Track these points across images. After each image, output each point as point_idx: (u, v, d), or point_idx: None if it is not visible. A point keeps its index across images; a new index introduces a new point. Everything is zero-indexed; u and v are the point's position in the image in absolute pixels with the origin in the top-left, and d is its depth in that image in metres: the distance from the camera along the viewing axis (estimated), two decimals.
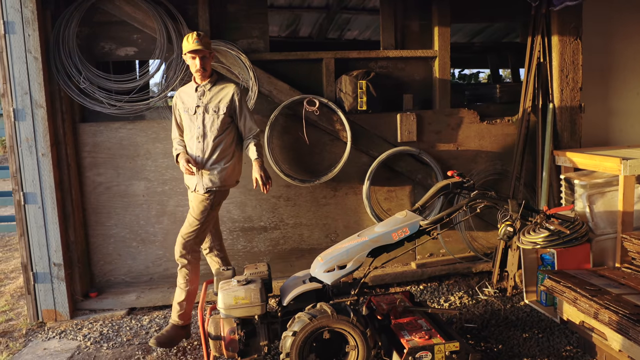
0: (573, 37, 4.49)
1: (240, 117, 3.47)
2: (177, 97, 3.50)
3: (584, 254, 3.87)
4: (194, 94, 3.42)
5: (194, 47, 3.27)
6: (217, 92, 3.42)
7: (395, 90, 4.51)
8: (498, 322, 3.73)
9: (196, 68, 3.33)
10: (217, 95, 3.41)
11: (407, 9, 4.55)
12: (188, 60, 3.37)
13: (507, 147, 4.66)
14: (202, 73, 3.36)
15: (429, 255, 4.64)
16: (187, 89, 3.48)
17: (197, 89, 3.42)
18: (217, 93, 3.42)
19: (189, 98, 3.43)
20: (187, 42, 3.31)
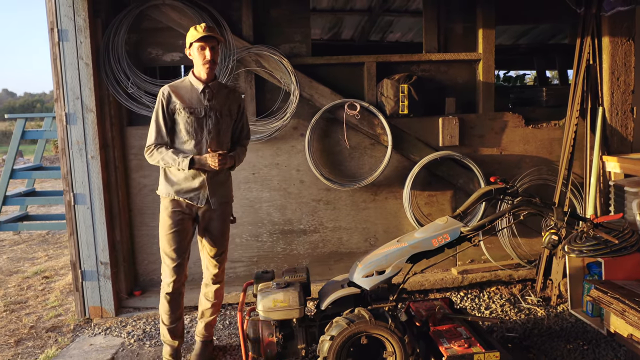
0: (625, 38, 4.32)
1: (239, 121, 3.26)
2: (168, 93, 3.02)
3: (634, 264, 3.72)
4: (197, 93, 3.05)
5: (205, 33, 2.93)
6: (226, 94, 3.17)
7: (437, 93, 4.46)
8: (541, 331, 3.63)
9: (206, 59, 2.98)
10: (227, 98, 3.16)
11: (451, 12, 4.49)
12: (194, 52, 3.00)
13: (553, 152, 4.53)
14: (212, 67, 3.02)
15: (469, 261, 4.56)
16: (184, 85, 3.08)
17: (204, 88, 3.05)
18: (227, 95, 3.17)
19: (192, 97, 3.05)
20: (195, 31, 2.98)
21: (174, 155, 2.98)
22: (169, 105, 3.02)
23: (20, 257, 6.18)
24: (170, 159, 2.98)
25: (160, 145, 3.02)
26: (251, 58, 4.14)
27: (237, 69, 4.13)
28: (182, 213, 3.09)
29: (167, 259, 3.09)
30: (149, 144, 3.05)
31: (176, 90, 3.06)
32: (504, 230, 4.43)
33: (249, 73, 4.20)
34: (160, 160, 3.01)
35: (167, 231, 3.07)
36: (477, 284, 4.41)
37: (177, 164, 2.96)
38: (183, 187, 3.06)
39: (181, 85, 3.09)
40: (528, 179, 4.47)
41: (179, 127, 3.04)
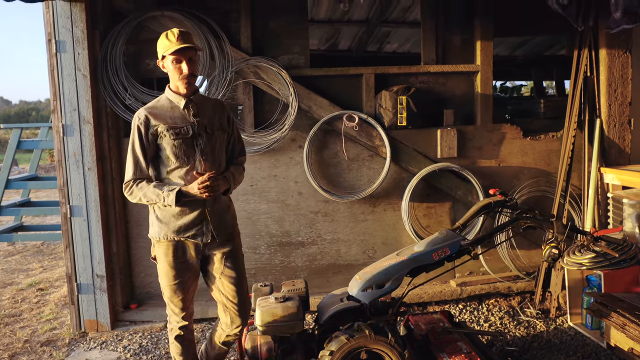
0: (622, 50, 4.34)
1: (231, 135, 2.87)
2: (145, 116, 2.59)
3: (633, 276, 3.71)
4: (179, 111, 2.65)
5: (179, 44, 2.51)
6: (212, 106, 2.79)
7: (435, 105, 4.46)
8: (540, 344, 3.61)
9: (183, 74, 2.57)
10: (214, 110, 2.78)
11: (449, 23, 4.50)
12: (168, 65, 2.59)
13: (552, 163, 4.53)
14: (191, 81, 2.62)
15: (468, 273, 4.54)
16: (161, 104, 2.67)
17: (186, 103, 2.65)
18: (213, 108, 2.79)
19: (174, 115, 2.64)
20: (167, 41, 2.55)
21: (156, 189, 2.54)
22: (149, 130, 2.59)
23: (15, 269, 6.12)
24: (154, 195, 2.54)
25: (140, 180, 2.60)
26: (249, 69, 4.14)
27: (235, 80, 4.12)
28: (185, 257, 2.70)
29: (174, 307, 2.75)
30: (127, 180, 2.62)
31: (154, 111, 2.63)
32: (503, 242, 4.41)
33: (247, 84, 4.19)
34: (142, 198, 2.57)
35: (171, 282, 2.69)
36: (476, 296, 4.38)
37: (162, 200, 2.53)
38: (181, 224, 2.64)
39: (158, 105, 2.67)
40: (526, 190, 4.47)
41: (165, 153, 2.62)
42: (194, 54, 2.61)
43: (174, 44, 2.52)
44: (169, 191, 2.53)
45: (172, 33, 2.56)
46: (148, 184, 2.58)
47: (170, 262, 2.67)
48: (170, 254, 2.67)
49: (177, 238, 2.65)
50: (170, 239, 2.65)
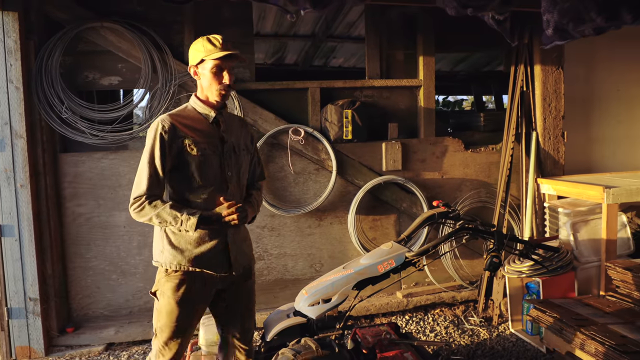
0: (555, 66, 4.56)
1: (254, 157, 2.63)
2: (171, 125, 2.26)
3: (569, 282, 3.87)
4: (207, 124, 2.36)
5: (225, 51, 2.25)
6: (238, 123, 2.55)
7: (380, 119, 4.53)
8: (484, 352, 3.69)
9: (222, 85, 2.30)
10: (241, 129, 2.53)
11: (392, 39, 4.60)
12: (205, 72, 2.30)
13: (492, 175, 4.68)
14: (228, 91, 2.34)
15: (414, 284, 4.60)
16: (187, 114, 2.36)
17: (216, 117, 2.37)
18: (240, 125, 2.55)
19: (203, 129, 2.34)
20: (209, 45, 2.27)
21: (173, 211, 2.19)
22: (174, 141, 2.24)
23: None
24: (169, 217, 2.19)
25: (154, 198, 2.23)
26: (193, 83, 4.07)
27: (179, 93, 4.04)
28: (198, 291, 2.34)
29: (167, 352, 2.37)
30: (137, 195, 2.22)
31: (181, 120, 2.30)
32: (447, 253, 4.50)
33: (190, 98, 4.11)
34: (154, 218, 2.20)
35: (173, 322, 2.31)
36: (422, 306, 4.44)
37: (180, 224, 2.18)
38: (199, 253, 2.31)
39: (185, 114, 2.34)
40: (468, 201, 4.59)
41: (189, 171, 2.28)
42: (234, 64, 2.36)
43: (218, 50, 2.26)
44: (189, 215, 2.18)
45: (214, 38, 2.30)
46: (163, 203, 2.22)
47: (178, 299, 2.29)
48: (182, 288, 2.29)
49: (193, 269, 2.29)
50: (185, 269, 2.28)
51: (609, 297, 3.56)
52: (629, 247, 4.06)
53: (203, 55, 2.26)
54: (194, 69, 2.34)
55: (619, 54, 5.16)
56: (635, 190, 3.81)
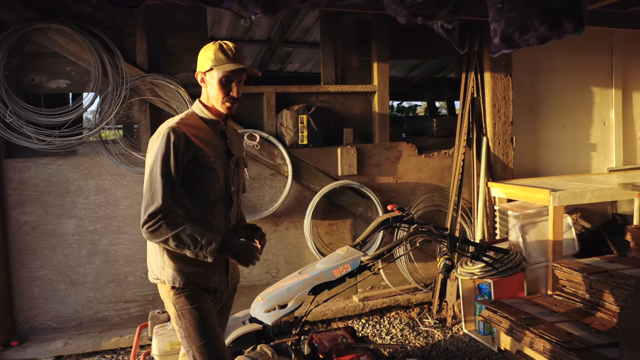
0: (504, 73, 4.71)
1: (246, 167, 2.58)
2: (184, 134, 2.09)
3: (519, 282, 3.99)
4: (213, 135, 2.24)
5: (238, 65, 2.15)
6: (235, 135, 2.45)
7: (336, 124, 4.56)
8: (439, 353, 3.76)
9: (229, 97, 2.19)
10: (238, 141, 2.47)
11: (347, 45, 4.64)
12: (213, 82, 2.17)
13: (444, 179, 4.79)
14: (235, 104, 2.24)
15: (370, 288, 4.64)
16: (195, 123, 2.21)
17: (221, 127, 2.28)
18: (237, 137, 2.47)
19: (211, 140, 2.21)
20: (220, 55, 2.15)
21: (194, 233, 2.00)
22: (186, 152, 2.07)
23: None
24: (189, 239, 1.99)
25: (171, 214, 2.03)
26: (146, 87, 3.99)
27: (130, 97, 3.95)
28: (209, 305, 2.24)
29: None
30: (153, 211, 2.00)
31: (192, 130, 2.14)
32: (402, 256, 4.57)
33: (143, 102, 4.03)
34: (172, 240, 1.99)
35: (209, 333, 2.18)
36: (378, 310, 4.49)
37: (199, 248, 2.00)
38: (204, 268, 2.17)
39: (192, 123, 2.18)
40: (422, 205, 4.67)
41: (196, 186, 2.13)
42: (244, 77, 2.24)
43: (230, 61, 2.14)
44: (210, 240, 2.00)
45: (227, 47, 2.17)
46: (182, 222, 2.02)
47: (200, 306, 2.15)
48: (198, 298, 2.16)
49: (206, 283, 2.20)
50: (193, 282, 2.16)
51: (556, 296, 3.69)
52: (574, 248, 4.23)
53: (213, 64, 2.14)
54: (202, 75, 2.21)
55: (561, 62, 5.38)
56: (579, 193, 3.97)
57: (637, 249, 3.73)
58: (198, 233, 2.01)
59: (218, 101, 2.19)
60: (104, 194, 3.97)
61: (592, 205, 5.05)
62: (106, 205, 3.99)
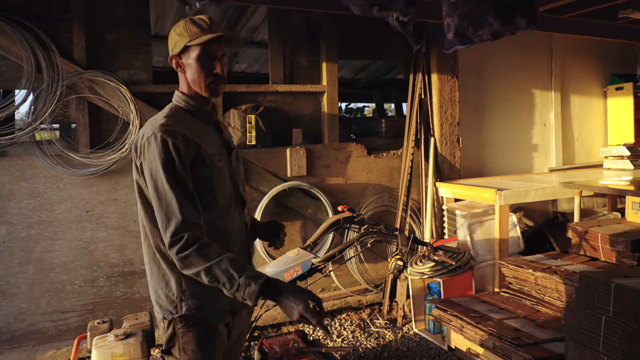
0: (450, 75, 4.78)
1: None
2: (183, 136, 1.75)
3: (467, 281, 4.05)
4: (209, 130, 1.92)
5: (218, 33, 1.80)
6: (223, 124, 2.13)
7: (284, 124, 4.48)
8: (390, 354, 3.75)
9: (215, 76, 1.84)
10: (226, 129, 2.13)
11: (296, 45, 4.58)
12: (190, 62, 1.83)
13: (394, 180, 4.80)
14: (222, 84, 1.88)
15: (320, 290, 4.59)
16: (184, 118, 1.85)
17: (215, 118, 1.98)
18: (224, 125, 2.14)
19: (208, 136, 1.88)
20: (193, 27, 1.80)
21: (231, 269, 1.62)
22: (189, 152, 1.75)
23: None
24: (224, 276, 1.62)
25: (198, 232, 1.68)
26: (84, 84, 3.78)
27: (67, 95, 3.73)
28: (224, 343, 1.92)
29: None
30: (174, 230, 1.66)
31: (185, 126, 1.80)
32: (353, 258, 4.55)
33: (81, 100, 3.82)
34: (204, 274, 1.63)
35: None
36: (329, 312, 4.44)
37: (235, 288, 1.61)
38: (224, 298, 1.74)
39: (182, 120, 1.84)
40: (372, 206, 4.67)
41: (207, 190, 1.80)
42: (227, 50, 1.89)
43: (206, 32, 1.79)
44: (250, 278, 1.61)
45: (200, 18, 1.83)
46: (216, 250, 1.65)
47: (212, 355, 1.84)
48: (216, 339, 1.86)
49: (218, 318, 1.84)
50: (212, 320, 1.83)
51: (503, 293, 3.76)
52: (519, 246, 4.33)
53: (187, 40, 1.79)
54: (176, 59, 1.86)
55: (505, 65, 5.53)
56: (523, 192, 4.07)
57: (577, 245, 3.86)
58: (236, 269, 1.61)
59: (201, 84, 1.84)
60: (38, 197, 3.72)
61: (535, 204, 5.21)
62: (41, 210, 3.75)
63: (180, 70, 1.87)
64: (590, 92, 6.21)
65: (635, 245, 3.40)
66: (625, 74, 6.28)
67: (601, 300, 2.45)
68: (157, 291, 1.84)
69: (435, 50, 4.71)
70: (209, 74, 1.82)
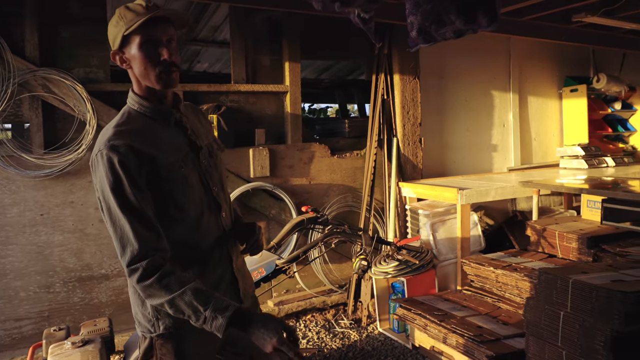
0: (412, 76, 4.83)
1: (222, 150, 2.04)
2: (127, 149, 1.54)
3: (430, 279, 4.09)
4: (169, 132, 1.70)
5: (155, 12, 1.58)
6: (195, 114, 1.88)
7: (247, 124, 4.43)
8: (355, 354, 3.75)
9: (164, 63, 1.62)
10: (200, 121, 1.89)
11: (258, 44, 4.54)
12: (134, 54, 1.61)
13: (357, 180, 4.82)
14: (174, 73, 1.65)
15: (285, 291, 4.56)
16: (138, 124, 1.65)
17: (177, 115, 1.73)
18: (197, 116, 1.89)
19: (167, 140, 1.67)
20: (129, 14, 1.59)
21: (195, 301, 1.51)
22: (141, 168, 1.55)
23: None
24: (189, 309, 1.51)
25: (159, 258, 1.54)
26: (37, 82, 3.64)
27: (19, 94, 3.58)
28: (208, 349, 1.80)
29: None
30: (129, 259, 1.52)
31: (137, 135, 1.60)
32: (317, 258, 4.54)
33: (34, 99, 3.67)
34: (167, 306, 1.53)
35: None
36: (294, 313, 4.42)
37: (202, 321, 1.51)
38: None
39: (136, 127, 1.63)
40: (336, 206, 4.67)
41: (172, 205, 1.63)
42: (173, 32, 1.65)
43: (140, 14, 1.57)
44: (216, 311, 1.50)
45: (135, 3, 1.61)
46: (180, 279, 1.53)
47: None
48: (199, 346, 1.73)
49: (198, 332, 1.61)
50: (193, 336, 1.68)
51: (465, 291, 3.82)
52: (480, 244, 4.41)
53: (124, 29, 1.57)
54: (119, 55, 1.65)
55: (465, 67, 5.64)
56: (484, 191, 4.15)
57: (536, 242, 3.95)
58: (201, 301, 1.50)
59: (150, 76, 1.62)
60: None
61: (495, 203, 5.32)
62: None
63: (126, 66, 1.66)
64: (547, 94, 6.40)
65: (591, 242, 3.50)
66: (579, 77, 6.51)
67: (559, 296, 2.51)
68: (135, 308, 1.75)
69: (398, 52, 4.75)
70: (156, 62, 1.60)
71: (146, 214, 1.54)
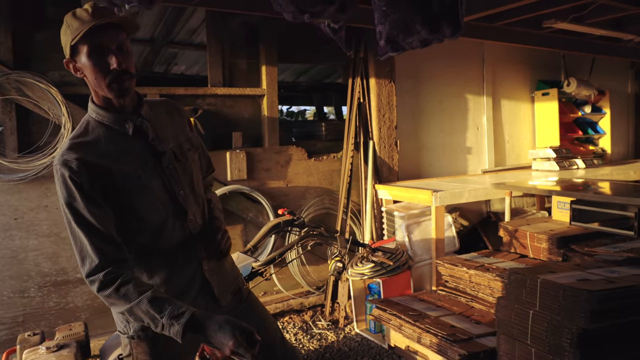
0: (388, 79, 4.90)
1: (198, 150, 1.94)
2: (79, 164, 1.54)
3: (406, 280, 4.16)
4: (128, 141, 1.66)
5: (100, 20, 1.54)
6: (161, 114, 1.80)
7: (224, 127, 4.45)
8: (332, 355, 3.79)
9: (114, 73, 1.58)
10: (168, 120, 1.81)
11: (235, 47, 4.56)
12: (84, 64, 1.58)
13: (334, 182, 4.87)
14: (127, 82, 1.61)
15: (262, 294, 4.58)
16: (96, 135, 1.63)
17: (136, 123, 1.67)
18: (164, 116, 1.81)
19: (125, 149, 1.64)
20: (75, 22, 1.56)
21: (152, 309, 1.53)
22: (94, 182, 1.56)
23: None
24: (147, 317, 1.55)
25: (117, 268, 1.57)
26: (11, 85, 3.60)
27: None
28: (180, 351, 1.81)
29: None
30: (88, 270, 1.56)
31: (91, 147, 1.60)
32: (294, 260, 4.57)
33: (8, 102, 3.64)
34: (127, 314, 1.58)
35: None
36: (272, 315, 4.43)
37: (160, 328, 1.54)
38: None
39: (91, 139, 1.62)
40: (313, 209, 4.71)
41: (131, 215, 1.65)
42: (124, 38, 1.61)
43: (86, 21, 1.52)
44: (172, 319, 1.52)
45: (82, 9, 1.56)
46: (137, 288, 1.55)
47: None
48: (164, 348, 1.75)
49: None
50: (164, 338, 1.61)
51: (440, 292, 3.89)
52: (454, 245, 4.49)
53: (71, 37, 1.54)
54: (72, 64, 1.62)
55: (440, 71, 5.73)
56: (458, 193, 4.23)
57: (509, 243, 4.04)
58: (156, 309, 1.52)
59: (102, 86, 1.59)
60: None
61: (469, 205, 5.43)
62: None
63: (80, 74, 1.63)
64: (520, 97, 6.54)
65: (561, 242, 3.60)
66: (550, 80, 6.66)
67: (529, 295, 2.58)
68: (112, 309, 1.75)
69: (373, 55, 4.82)
70: (105, 72, 1.57)
71: (103, 228, 1.56)
